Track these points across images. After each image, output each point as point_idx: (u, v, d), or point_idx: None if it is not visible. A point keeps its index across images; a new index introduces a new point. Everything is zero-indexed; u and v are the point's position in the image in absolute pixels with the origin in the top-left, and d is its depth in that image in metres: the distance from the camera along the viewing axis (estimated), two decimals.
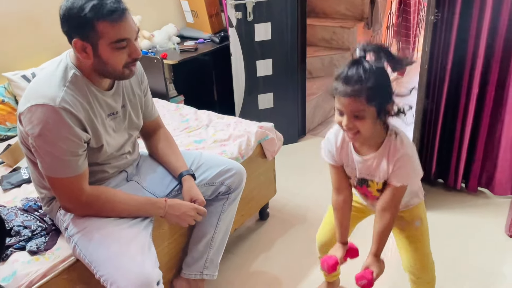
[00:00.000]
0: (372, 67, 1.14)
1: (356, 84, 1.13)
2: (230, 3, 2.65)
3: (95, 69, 1.30)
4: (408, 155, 1.25)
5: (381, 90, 1.16)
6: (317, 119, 3.48)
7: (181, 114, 2.38)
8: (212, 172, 1.66)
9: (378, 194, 1.36)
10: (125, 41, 1.26)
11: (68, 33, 1.26)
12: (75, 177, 1.29)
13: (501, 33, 2.01)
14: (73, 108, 1.25)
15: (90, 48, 1.25)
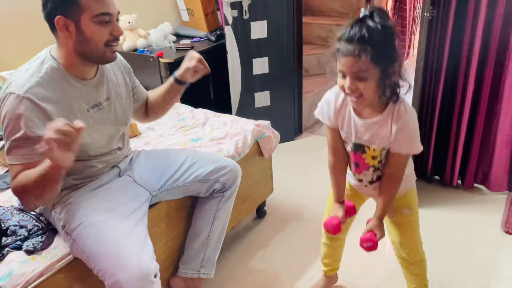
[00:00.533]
0: (377, 26, 1.09)
1: (360, 43, 1.08)
2: (226, 1, 2.64)
3: (78, 51, 1.31)
4: (412, 122, 1.22)
5: (386, 50, 1.11)
6: (314, 117, 3.46)
7: (177, 113, 2.38)
8: (206, 169, 1.66)
9: (372, 162, 1.33)
10: (108, 16, 1.29)
11: (50, 12, 1.27)
12: (19, 165, 1.24)
13: (496, 30, 2.02)
14: (39, 100, 1.25)
15: (73, 25, 1.27)
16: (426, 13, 1.95)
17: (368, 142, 1.29)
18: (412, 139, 1.24)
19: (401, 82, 1.20)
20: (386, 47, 1.11)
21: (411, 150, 1.26)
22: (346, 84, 1.14)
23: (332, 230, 1.40)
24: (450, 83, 2.21)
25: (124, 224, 1.36)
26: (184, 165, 1.65)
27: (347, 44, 1.10)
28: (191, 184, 1.64)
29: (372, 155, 1.31)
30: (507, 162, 2.25)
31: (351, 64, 1.11)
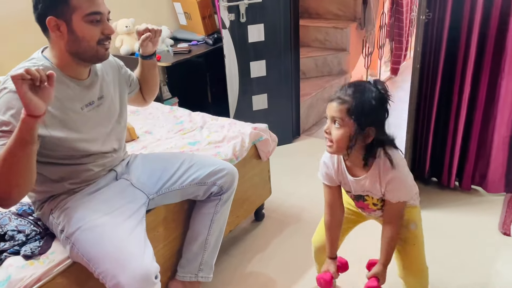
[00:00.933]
0: (371, 88, 1.22)
1: (346, 94, 1.22)
2: (223, 5, 2.65)
3: (70, 51, 1.33)
4: (399, 177, 1.30)
5: (365, 110, 1.20)
6: (311, 119, 3.49)
7: (175, 116, 2.38)
8: (203, 172, 1.66)
9: (375, 207, 1.41)
10: (99, 15, 1.31)
11: (41, 13, 1.28)
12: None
13: (492, 32, 2.03)
14: None
15: (64, 25, 1.28)
16: (422, 16, 1.96)
17: (365, 193, 1.39)
18: (400, 190, 1.32)
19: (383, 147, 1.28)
20: (368, 108, 1.21)
21: (401, 198, 1.33)
22: (326, 126, 1.28)
23: (325, 285, 1.46)
24: (447, 85, 2.21)
25: (123, 226, 1.37)
26: (181, 168, 1.66)
27: (338, 92, 1.25)
28: (188, 187, 1.64)
29: (373, 202, 1.41)
30: (504, 164, 2.26)
31: (333, 108, 1.24)
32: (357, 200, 1.45)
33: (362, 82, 1.26)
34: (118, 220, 1.38)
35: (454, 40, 2.10)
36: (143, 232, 1.40)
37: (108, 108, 1.50)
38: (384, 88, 1.24)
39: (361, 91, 1.22)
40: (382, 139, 1.26)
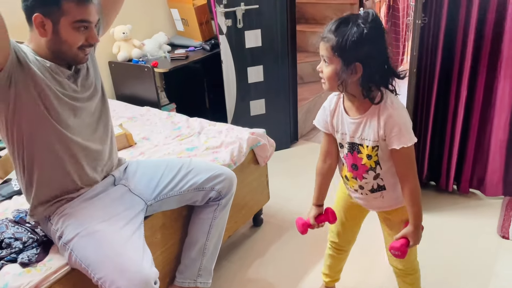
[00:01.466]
0: (356, 24, 1.17)
1: (330, 31, 1.20)
2: (220, 11, 2.66)
3: (51, 48, 1.33)
4: (397, 115, 1.24)
5: (348, 46, 1.16)
6: (309, 124, 3.49)
7: (172, 122, 2.38)
8: (202, 177, 1.66)
9: (368, 162, 1.34)
10: (87, 23, 1.31)
11: (29, 7, 1.27)
12: None
13: (488, 36, 2.04)
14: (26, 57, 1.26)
15: (50, 25, 1.28)
16: (418, 21, 1.97)
17: (361, 139, 1.32)
18: (400, 131, 1.24)
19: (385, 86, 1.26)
20: (351, 43, 1.16)
21: (402, 142, 1.25)
22: (319, 65, 1.27)
23: (299, 227, 1.52)
24: (443, 89, 2.22)
25: (121, 232, 1.36)
26: (179, 174, 1.66)
27: (324, 30, 1.23)
28: (186, 193, 1.64)
29: (367, 153, 1.33)
30: (501, 167, 2.26)
31: (320, 46, 1.23)
32: (351, 151, 1.36)
33: (349, 17, 1.20)
34: (117, 226, 1.38)
35: (450, 44, 2.11)
36: (141, 238, 1.39)
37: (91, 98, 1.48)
38: (374, 22, 1.17)
39: (344, 27, 1.17)
40: (370, 75, 1.20)
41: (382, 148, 1.30)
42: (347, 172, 1.43)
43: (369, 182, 1.39)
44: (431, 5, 2.05)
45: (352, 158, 1.38)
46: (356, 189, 1.44)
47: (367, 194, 1.43)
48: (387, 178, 1.37)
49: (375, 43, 1.19)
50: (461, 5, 2.03)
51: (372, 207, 1.49)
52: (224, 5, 2.65)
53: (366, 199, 1.45)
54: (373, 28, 1.17)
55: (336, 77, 1.22)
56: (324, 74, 1.24)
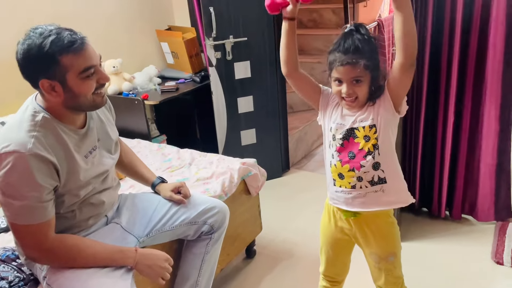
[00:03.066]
0: (364, 37, 1.27)
1: (355, 53, 1.26)
2: (209, 44, 2.71)
3: (67, 106, 1.30)
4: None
5: (374, 58, 1.29)
6: (300, 152, 3.50)
7: (163, 154, 2.38)
8: (194, 211, 1.64)
9: (366, 145, 1.34)
10: (92, 68, 1.27)
11: (32, 76, 1.25)
12: (40, 224, 1.25)
13: (471, 62, 2.10)
14: (46, 151, 1.23)
15: (59, 85, 1.24)
16: None
17: (355, 123, 1.36)
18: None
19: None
20: (373, 55, 1.29)
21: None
22: (344, 90, 1.30)
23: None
24: (431, 116, 2.26)
25: (110, 275, 1.32)
26: (172, 208, 1.63)
27: (343, 55, 1.27)
28: (178, 228, 1.62)
29: (364, 134, 1.34)
30: (492, 192, 2.27)
31: (349, 71, 1.27)
32: (347, 138, 1.36)
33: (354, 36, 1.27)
34: (105, 269, 1.33)
35: (435, 71, 2.16)
36: (128, 281, 1.34)
37: (106, 147, 1.48)
38: (367, 30, 1.29)
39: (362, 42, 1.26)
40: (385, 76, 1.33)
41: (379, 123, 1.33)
42: (341, 168, 1.38)
43: (368, 172, 1.36)
44: None
45: (348, 146, 1.37)
46: (353, 185, 1.38)
47: (367, 187, 1.37)
48: (388, 168, 1.36)
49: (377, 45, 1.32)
50: (443, 34, 2.09)
51: (371, 206, 1.40)
52: (213, 38, 2.70)
53: (365, 195, 1.38)
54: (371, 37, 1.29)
55: (370, 89, 1.31)
56: (359, 92, 1.30)
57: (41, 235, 1.27)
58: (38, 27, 1.24)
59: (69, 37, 1.22)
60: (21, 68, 1.25)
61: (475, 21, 2.04)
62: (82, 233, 1.44)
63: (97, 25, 2.89)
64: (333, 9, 4.22)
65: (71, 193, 1.35)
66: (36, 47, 1.20)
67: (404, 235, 2.22)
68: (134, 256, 1.36)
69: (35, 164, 1.21)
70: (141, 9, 3.19)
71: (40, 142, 1.23)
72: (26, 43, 1.21)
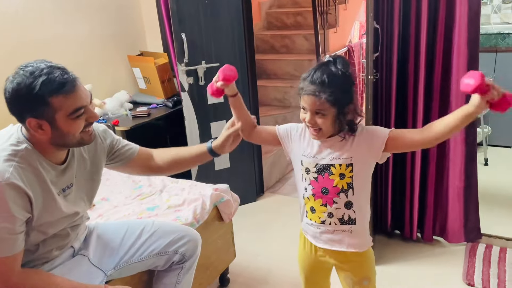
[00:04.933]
0: (338, 72, 1.25)
1: (320, 85, 1.23)
2: (181, 69, 2.71)
3: (53, 143, 1.27)
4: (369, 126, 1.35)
5: (342, 93, 1.25)
6: (275, 176, 3.50)
7: (133, 181, 2.33)
8: (164, 241, 1.60)
9: (341, 183, 1.33)
10: (83, 108, 1.25)
11: (19, 114, 1.22)
12: (8, 258, 1.20)
13: (436, 88, 2.16)
14: (23, 183, 1.19)
15: (47, 124, 1.22)
16: (370, 76, 2.07)
17: (332, 160, 1.33)
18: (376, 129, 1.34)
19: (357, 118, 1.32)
20: (343, 90, 1.26)
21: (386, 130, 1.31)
22: (307, 119, 1.29)
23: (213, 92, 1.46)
24: None
25: None
26: (140, 238, 1.58)
27: (310, 85, 1.25)
28: (148, 259, 1.57)
29: (340, 172, 1.32)
30: (461, 214, 2.32)
31: (312, 102, 1.25)
32: (322, 173, 1.34)
33: (327, 68, 1.25)
34: None
35: (402, 97, 2.22)
36: None
37: (82, 187, 1.44)
38: (346, 65, 1.26)
39: (331, 75, 1.23)
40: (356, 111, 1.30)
41: (356, 163, 1.31)
42: (313, 202, 1.38)
43: (340, 209, 1.35)
44: (381, 61, 2.17)
45: (322, 181, 1.35)
46: (323, 220, 1.37)
47: (336, 225, 1.37)
48: (360, 209, 1.36)
49: (351, 82, 1.29)
50: (409, 59, 2.16)
51: (336, 245, 1.40)
52: (185, 63, 2.70)
53: (333, 232, 1.38)
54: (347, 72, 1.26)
55: (335, 123, 1.28)
56: (321, 125, 1.27)
57: (8, 269, 1.20)
58: (29, 65, 1.21)
59: (60, 78, 1.19)
60: (8, 105, 1.22)
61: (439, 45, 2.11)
62: (46, 265, 1.37)
63: (68, 49, 2.86)
64: (305, 35, 4.31)
65: (39, 229, 1.29)
66: (25, 87, 1.17)
67: (378, 258, 2.21)
68: None
69: (11, 195, 1.16)
70: (113, 34, 3.18)
71: (18, 173, 1.19)
72: (16, 82, 1.18)
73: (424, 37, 2.09)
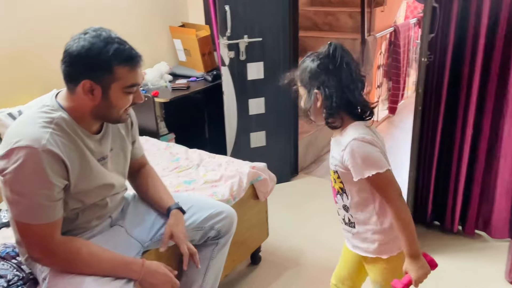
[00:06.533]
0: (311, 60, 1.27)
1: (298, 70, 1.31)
2: (223, 42, 2.66)
3: (95, 112, 1.27)
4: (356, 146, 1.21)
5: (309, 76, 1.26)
6: (310, 157, 3.44)
7: (171, 153, 2.33)
8: (201, 215, 1.58)
9: (335, 185, 1.34)
10: (136, 86, 1.28)
11: (78, 73, 1.21)
12: (48, 224, 1.20)
13: (494, 74, 2.02)
14: (59, 150, 1.19)
15: (100, 91, 1.22)
16: (423, 58, 1.95)
17: (332, 166, 1.33)
18: (356, 163, 1.21)
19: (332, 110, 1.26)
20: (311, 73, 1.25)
21: (359, 173, 1.22)
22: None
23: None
24: (449, 128, 2.18)
25: (111, 284, 1.25)
26: None
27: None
28: None
29: (333, 176, 1.35)
30: (507, 209, 2.19)
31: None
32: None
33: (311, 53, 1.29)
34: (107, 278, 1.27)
35: (455, 82, 2.09)
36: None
37: (118, 160, 1.44)
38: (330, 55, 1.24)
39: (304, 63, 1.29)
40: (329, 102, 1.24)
41: (341, 174, 1.29)
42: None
43: (341, 209, 1.37)
44: (436, 43, 2.04)
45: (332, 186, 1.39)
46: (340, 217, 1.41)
47: (342, 224, 1.39)
48: (356, 216, 1.32)
49: (331, 73, 1.23)
50: (466, 44, 2.01)
51: (347, 241, 1.42)
52: (227, 37, 2.65)
53: (344, 230, 1.41)
54: (329, 60, 1.23)
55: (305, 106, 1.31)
56: (311, 114, 1.31)
57: (47, 236, 1.21)
58: (101, 30, 1.23)
59: (130, 51, 1.23)
60: (67, 63, 1.21)
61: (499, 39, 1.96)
62: (85, 234, 1.39)
63: (109, 19, 2.85)
64: (350, 12, 4.14)
65: (77, 197, 1.30)
66: (97, 50, 1.19)
67: None
68: (139, 271, 1.31)
69: (48, 161, 1.16)
70: (155, 5, 3.14)
71: (54, 139, 1.19)
72: (87, 42, 1.19)
73: (485, 19, 1.94)
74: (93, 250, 1.28)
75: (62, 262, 1.25)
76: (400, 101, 4.54)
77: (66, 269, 1.25)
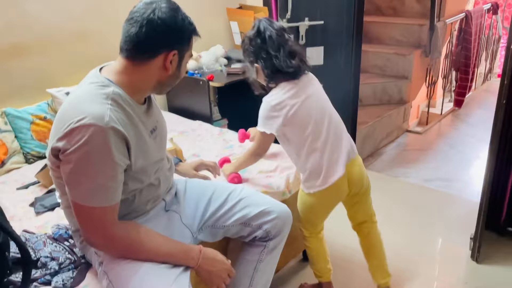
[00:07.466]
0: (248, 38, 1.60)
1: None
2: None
3: (161, 84, 1.23)
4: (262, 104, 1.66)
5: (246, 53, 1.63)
6: (367, 150, 3.25)
7: (224, 140, 2.25)
8: (249, 211, 1.46)
9: None
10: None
11: (158, 44, 1.16)
12: (111, 207, 1.14)
13: None
14: (121, 126, 1.12)
15: (177, 61, 1.22)
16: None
17: None
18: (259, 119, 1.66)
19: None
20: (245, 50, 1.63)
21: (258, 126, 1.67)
22: None
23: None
24: None
25: (168, 272, 1.20)
26: (227, 203, 1.48)
27: None
28: (231, 227, 1.47)
29: None
30: None
31: None
32: None
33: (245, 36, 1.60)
34: (164, 265, 1.21)
35: None
36: (187, 280, 1.21)
37: (161, 135, 1.37)
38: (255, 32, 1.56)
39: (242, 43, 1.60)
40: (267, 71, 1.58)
41: None
42: None
43: None
44: None
45: None
46: None
47: None
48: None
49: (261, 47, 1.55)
50: None
51: None
52: (287, 19, 2.51)
53: None
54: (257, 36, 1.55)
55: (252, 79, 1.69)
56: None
57: (107, 220, 1.15)
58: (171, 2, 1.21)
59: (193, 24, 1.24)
60: (153, 34, 1.14)
61: None
62: (141, 218, 1.32)
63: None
64: None
65: (136, 176, 1.23)
66: (181, 21, 1.19)
67: (485, 256, 1.96)
68: (197, 258, 1.25)
69: (114, 140, 1.10)
70: None
71: (115, 115, 1.12)
72: (170, 12, 1.16)
73: None
74: (151, 237, 1.22)
75: (120, 247, 1.20)
76: (468, 94, 4.21)
77: (124, 255, 1.20)
